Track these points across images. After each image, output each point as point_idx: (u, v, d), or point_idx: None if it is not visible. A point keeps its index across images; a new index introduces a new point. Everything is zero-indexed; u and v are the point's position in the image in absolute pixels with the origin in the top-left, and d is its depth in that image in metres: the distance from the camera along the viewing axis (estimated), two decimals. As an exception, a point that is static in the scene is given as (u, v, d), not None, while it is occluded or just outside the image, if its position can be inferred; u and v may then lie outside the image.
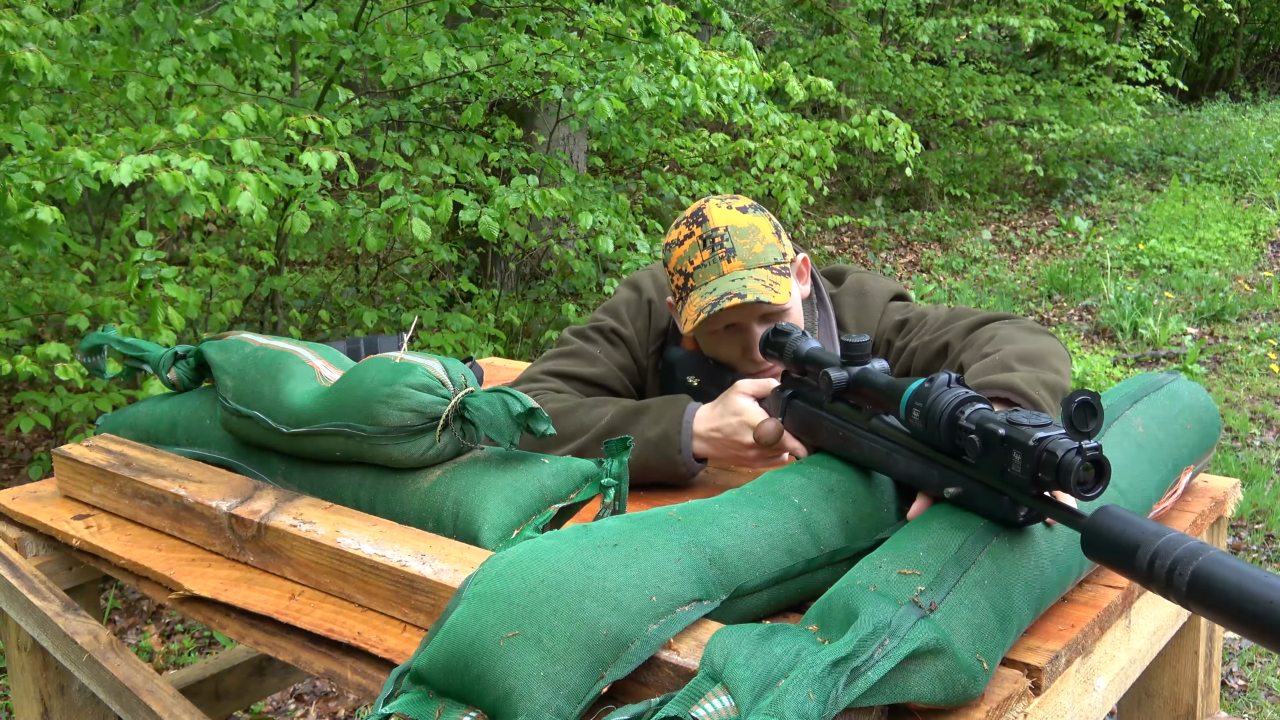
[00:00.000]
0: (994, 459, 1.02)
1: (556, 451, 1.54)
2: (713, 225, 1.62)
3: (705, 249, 1.60)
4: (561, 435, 1.58)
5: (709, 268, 1.60)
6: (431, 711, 0.95)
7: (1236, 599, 0.81)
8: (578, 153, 5.67)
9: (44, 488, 1.60)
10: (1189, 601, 0.85)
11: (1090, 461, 0.96)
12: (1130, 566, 0.89)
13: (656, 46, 3.79)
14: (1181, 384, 1.48)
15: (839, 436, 1.25)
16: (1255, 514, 3.83)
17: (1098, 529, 0.93)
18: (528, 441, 1.46)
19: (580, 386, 1.72)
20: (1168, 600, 0.89)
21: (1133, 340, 6.08)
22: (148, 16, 3.20)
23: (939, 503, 1.11)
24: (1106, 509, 0.94)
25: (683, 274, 1.63)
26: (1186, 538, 0.87)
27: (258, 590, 1.27)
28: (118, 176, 2.57)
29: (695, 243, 1.62)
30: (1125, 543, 0.89)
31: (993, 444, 1.02)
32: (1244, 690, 2.89)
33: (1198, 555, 0.84)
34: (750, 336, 1.62)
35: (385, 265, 5.54)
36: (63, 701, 1.57)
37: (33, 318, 3.62)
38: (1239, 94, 15.01)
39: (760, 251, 1.61)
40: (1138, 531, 0.89)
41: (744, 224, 1.62)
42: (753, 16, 8.46)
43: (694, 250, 1.61)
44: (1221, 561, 0.84)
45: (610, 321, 1.79)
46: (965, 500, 1.07)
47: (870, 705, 0.89)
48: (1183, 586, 0.84)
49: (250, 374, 1.41)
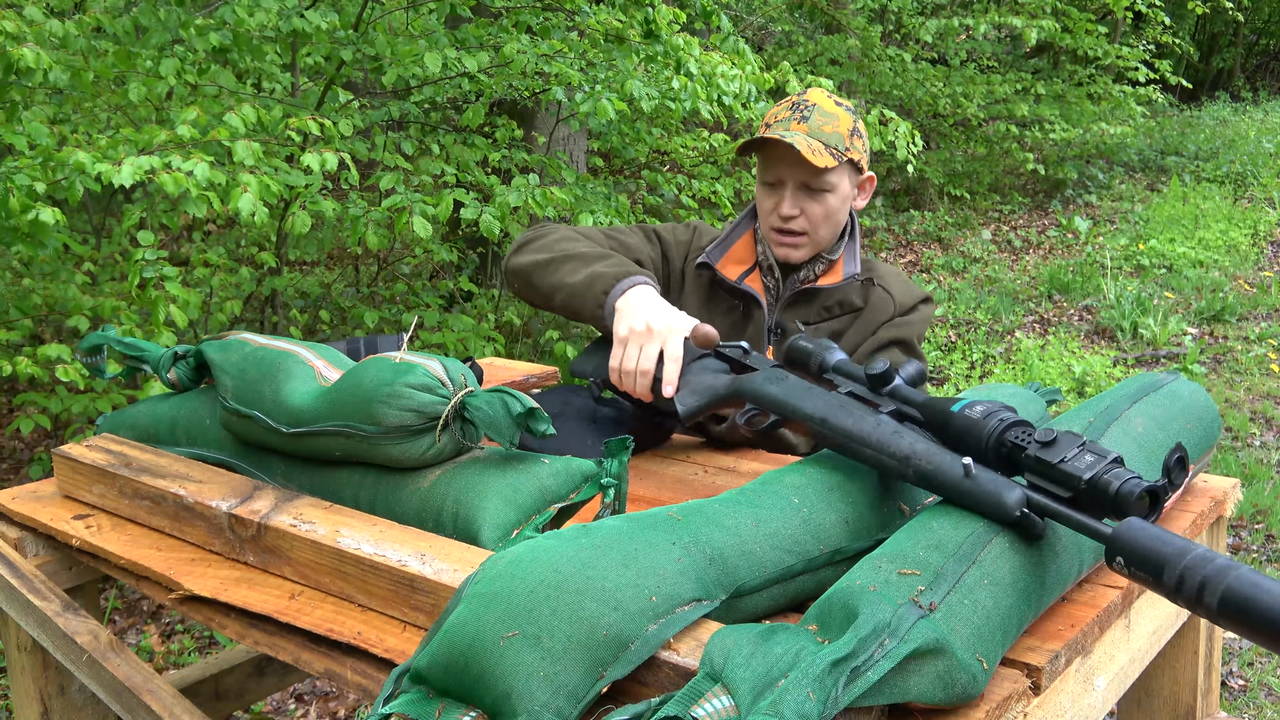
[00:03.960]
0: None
1: (534, 267, 1.75)
2: (808, 98, 1.85)
3: (788, 110, 1.84)
4: (551, 250, 1.77)
5: (782, 123, 1.82)
6: (431, 711, 0.95)
7: (1269, 618, 0.85)
8: (578, 153, 5.67)
9: (44, 488, 1.60)
10: (1220, 619, 0.88)
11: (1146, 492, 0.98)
12: (1158, 582, 0.90)
13: (657, 48, 3.79)
14: (1181, 384, 1.48)
15: (834, 406, 1.21)
16: (1255, 514, 3.83)
17: (1122, 542, 0.93)
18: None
19: (604, 238, 1.88)
20: (1196, 614, 0.92)
21: (1133, 340, 6.07)
22: (149, 16, 3.20)
23: (939, 504, 1.11)
24: (1129, 522, 0.94)
25: (766, 124, 1.85)
26: (1213, 554, 0.89)
27: (258, 590, 1.27)
28: (119, 178, 2.57)
29: (787, 105, 1.86)
30: (1152, 559, 0.91)
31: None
32: (1244, 690, 2.89)
33: (1227, 575, 0.87)
34: (784, 195, 1.82)
35: (385, 265, 5.54)
36: (63, 701, 1.57)
37: (33, 318, 3.62)
38: (1239, 94, 15.00)
39: (829, 132, 1.80)
40: (1164, 546, 0.91)
41: (830, 109, 1.83)
42: (753, 16, 8.46)
43: (781, 110, 1.85)
44: (1251, 581, 0.86)
45: (655, 225, 2.01)
46: (970, 485, 1.05)
47: (870, 705, 0.89)
48: (1214, 605, 0.87)
49: (250, 374, 1.41)
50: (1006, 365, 5.61)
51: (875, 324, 1.87)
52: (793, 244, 1.85)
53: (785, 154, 1.79)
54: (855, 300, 1.88)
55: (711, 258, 1.90)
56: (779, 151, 1.80)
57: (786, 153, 1.78)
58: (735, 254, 1.93)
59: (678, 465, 1.65)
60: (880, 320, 1.88)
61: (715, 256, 1.91)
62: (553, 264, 1.75)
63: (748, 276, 1.91)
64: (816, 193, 1.81)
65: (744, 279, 1.90)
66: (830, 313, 1.88)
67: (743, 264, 1.92)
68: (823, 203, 1.82)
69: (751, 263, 1.92)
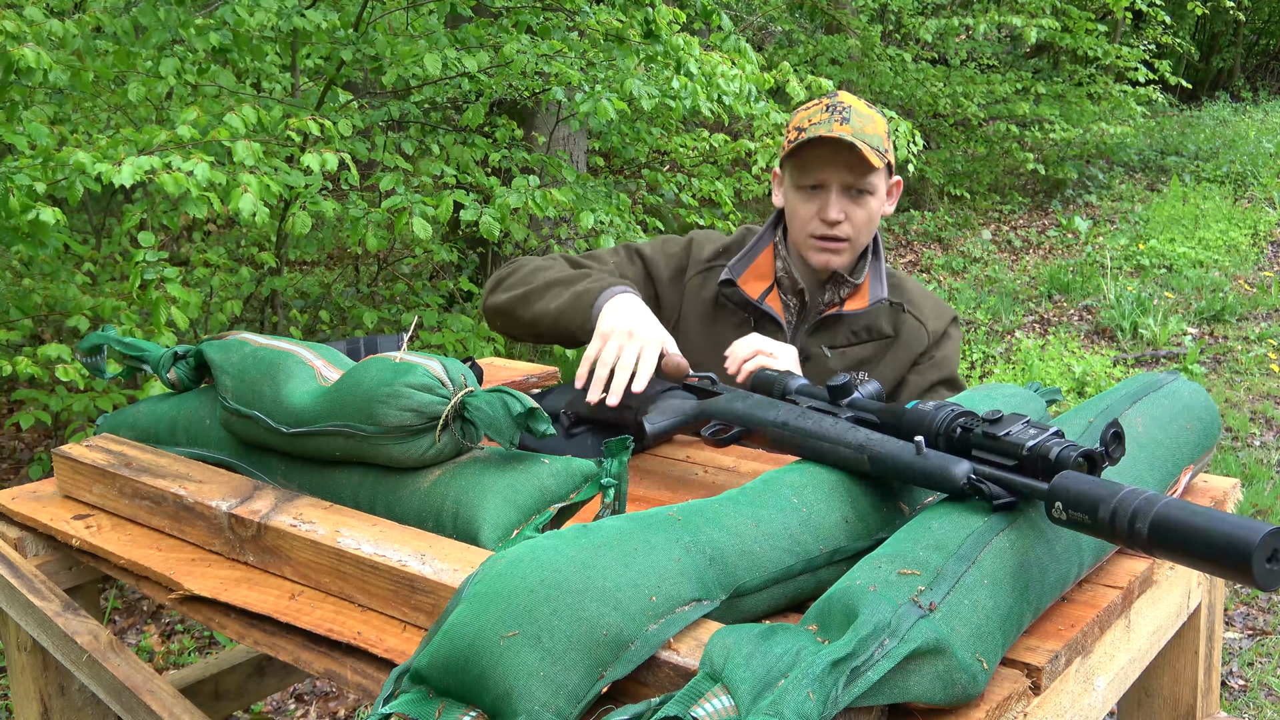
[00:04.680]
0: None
1: (515, 301, 1.74)
2: (840, 100, 1.78)
3: (826, 112, 1.76)
4: (528, 282, 1.75)
5: (822, 125, 1.74)
6: (431, 711, 0.95)
7: (1199, 538, 0.89)
8: (578, 153, 5.67)
9: (44, 488, 1.60)
10: (1154, 548, 0.92)
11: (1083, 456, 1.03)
12: (1094, 521, 0.95)
13: (657, 48, 3.79)
14: (1181, 384, 1.48)
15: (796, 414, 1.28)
16: (1255, 514, 3.84)
17: (1059, 489, 0.98)
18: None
19: (580, 262, 1.84)
20: (1132, 549, 0.95)
21: (1133, 340, 6.08)
22: (149, 16, 3.21)
23: (938, 504, 1.11)
24: (1065, 473, 0.99)
25: (798, 129, 1.78)
26: (1144, 489, 0.94)
27: (258, 590, 1.27)
28: (119, 178, 2.57)
29: (820, 107, 1.78)
30: (1087, 499, 0.96)
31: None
32: (1244, 690, 2.89)
33: (1156, 502, 0.92)
34: (828, 199, 1.76)
35: (385, 265, 5.54)
36: (63, 701, 1.57)
37: (33, 318, 3.62)
38: (1239, 94, 15.00)
39: (870, 134, 1.75)
40: (1097, 488, 0.96)
41: (865, 111, 1.77)
42: (753, 16, 8.46)
43: (816, 112, 1.78)
44: (1179, 505, 0.91)
45: (638, 243, 1.94)
46: (922, 462, 1.10)
47: (870, 705, 0.89)
48: (1145, 531, 0.92)
49: (250, 374, 1.41)
50: (1006, 365, 5.62)
51: (911, 357, 1.84)
52: (835, 249, 1.79)
53: (830, 156, 1.74)
54: (884, 327, 1.84)
55: (734, 272, 1.84)
56: (822, 154, 1.75)
57: (832, 155, 1.74)
58: (757, 269, 1.87)
59: (678, 465, 1.64)
60: (916, 352, 1.84)
61: (738, 271, 1.85)
62: (533, 294, 1.72)
63: (768, 295, 1.85)
64: (860, 195, 1.77)
65: (764, 298, 1.84)
66: (858, 337, 1.84)
67: (764, 280, 1.86)
68: (865, 206, 1.78)
69: (771, 280, 1.86)
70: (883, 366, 1.84)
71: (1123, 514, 0.93)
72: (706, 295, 1.87)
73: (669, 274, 1.90)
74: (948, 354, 1.85)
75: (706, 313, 1.87)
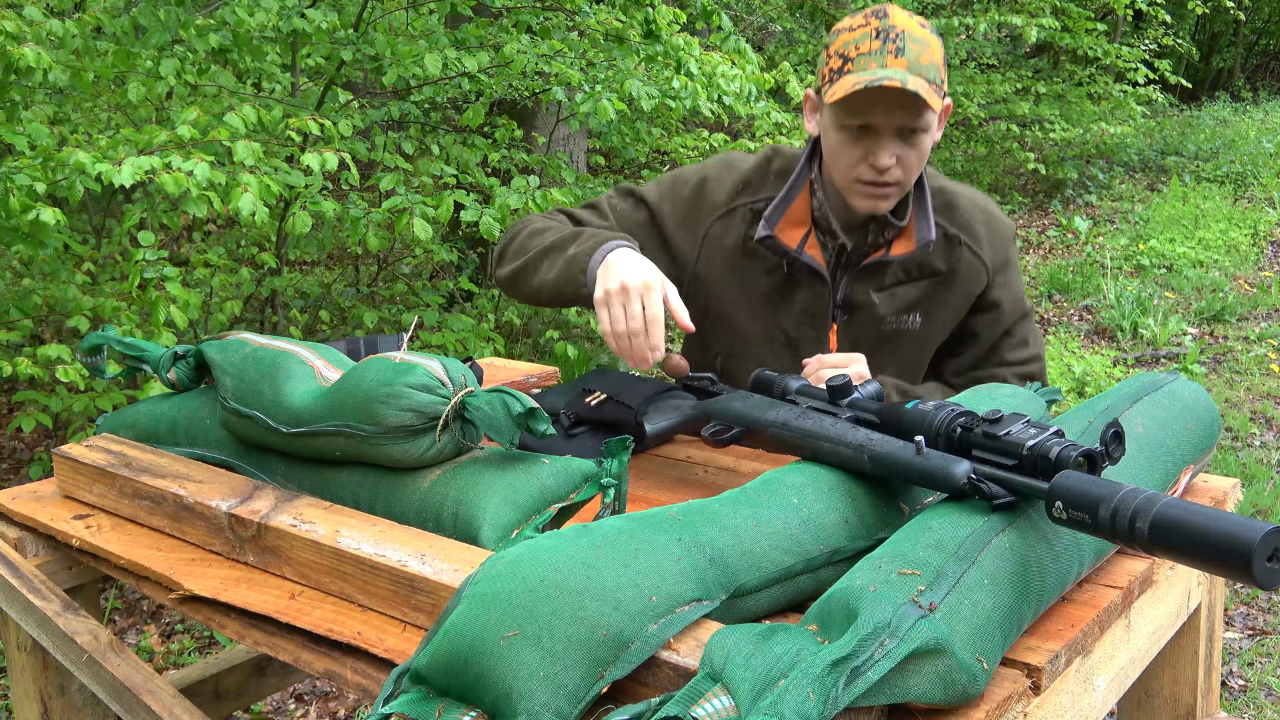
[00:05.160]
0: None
1: (515, 275, 1.70)
2: (892, 23, 1.58)
3: (877, 39, 1.56)
4: (525, 251, 1.69)
5: (874, 56, 1.55)
6: (431, 711, 0.95)
7: (1198, 537, 0.89)
8: (578, 153, 5.67)
9: (44, 488, 1.60)
10: (1154, 548, 0.92)
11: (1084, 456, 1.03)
12: (1095, 520, 0.95)
13: (657, 48, 3.79)
14: (1181, 384, 1.48)
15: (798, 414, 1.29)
16: (1255, 514, 3.83)
17: (1060, 488, 0.98)
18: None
19: (578, 214, 1.79)
20: (1132, 548, 0.95)
21: (1133, 340, 6.08)
22: (149, 16, 3.21)
23: (938, 504, 1.11)
24: (1065, 473, 0.99)
25: (843, 57, 1.59)
26: (1143, 489, 0.94)
27: (258, 590, 1.27)
28: (119, 178, 2.57)
29: (868, 32, 1.58)
30: (1087, 499, 0.96)
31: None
32: (1244, 690, 2.89)
33: (1156, 501, 0.92)
34: (879, 143, 1.58)
35: (385, 265, 5.54)
36: (63, 701, 1.57)
37: (33, 318, 3.62)
38: (1239, 94, 15.00)
39: (927, 64, 1.57)
40: (1097, 487, 0.96)
41: (920, 35, 1.58)
42: (753, 16, 8.46)
43: (865, 38, 1.57)
44: (1179, 505, 0.91)
45: (642, 188, 1.81)
46: (922, 461, 1.11)
47: (870, 705, 0.89)
48: (1145, 531, 0.92)
49: (250, 374, 1.41)
50: (1006, 365, 5.60)
51: (970, 298, 1.72)
52: (883, 194, 1.62)
53: (883, 95, 1.54)
54: (937, 263, 1.70)
55: (770, 223, 1.68)
56: (873, 94, 1.55)
57: (885, 94, 1.54)
58: (793, 213, 1.70)
59: (678, 465, 1.64)
60: (975, 293, 1.72)
61: (774, 221, 1.68)
62: (529, 266, 1.68)
63: (806, 243, 1.69)
64: (913, 134, 1.59)
65: (803, 247, 1.69)
66: (909, 275, 1.70)
67: (800, 226, 1.70)
68: (918, 146, 1.60)
69: (809, 224, 1.69)
70: (937, 307, 1.72)
71: (1123, 513, 0.93)
72: (730, 243, 1.73)
73: (679, 219, 1.76)
74: (1013, 291, 1.73)
75: (733, 262, 1.73)
